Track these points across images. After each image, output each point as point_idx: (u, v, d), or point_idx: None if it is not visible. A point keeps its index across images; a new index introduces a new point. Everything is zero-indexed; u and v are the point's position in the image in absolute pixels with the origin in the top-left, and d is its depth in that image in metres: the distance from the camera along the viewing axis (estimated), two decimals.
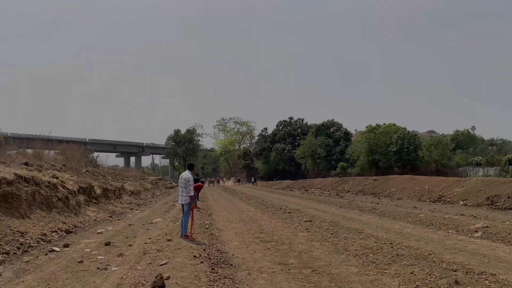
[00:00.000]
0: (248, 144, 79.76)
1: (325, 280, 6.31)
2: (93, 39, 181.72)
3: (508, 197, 15.57)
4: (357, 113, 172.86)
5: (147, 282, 6.11)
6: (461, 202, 17.44)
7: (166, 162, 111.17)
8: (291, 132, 66.24)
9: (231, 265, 7.38)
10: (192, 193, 10.21)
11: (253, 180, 62.02)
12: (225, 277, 6.52)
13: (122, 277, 6.55)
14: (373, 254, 7.82)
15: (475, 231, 10.19)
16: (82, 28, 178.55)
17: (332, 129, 61.20)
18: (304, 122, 67.85)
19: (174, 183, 66.98)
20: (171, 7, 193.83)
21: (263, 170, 66.50)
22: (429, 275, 6.26)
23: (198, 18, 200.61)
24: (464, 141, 70.88)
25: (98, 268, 7.26)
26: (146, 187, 35.80)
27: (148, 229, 12.56)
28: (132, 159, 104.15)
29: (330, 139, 58.97)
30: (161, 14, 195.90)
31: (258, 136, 73.20)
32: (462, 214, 13.58)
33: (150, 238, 10.47)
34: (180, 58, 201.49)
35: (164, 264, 7.17)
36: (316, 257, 7.83)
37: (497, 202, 15.73)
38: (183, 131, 74.74)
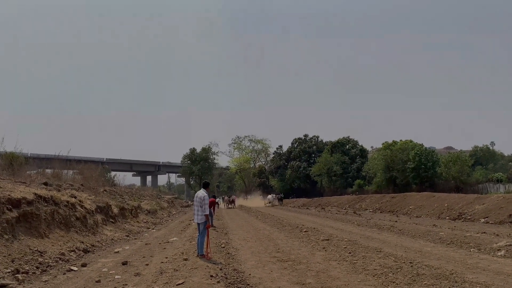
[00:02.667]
0: (263, 162, 79.72)
1: None
2: (107, 58, 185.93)
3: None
4: (373, 129, 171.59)
5: None
6: (482, 220, 17.03)
7: (182, 180, 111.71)
8: (306, 149, 66.00)
9: (248, 285, 7.32)
10: (207, 212, 10.20)
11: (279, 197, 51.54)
12: None
13: None
14: (393, 274, 7.66)
15: (498, 250, 9.92)
16: (98, 49, 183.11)
17: (348, 146, 60.78)
18: (319, 140, 67.65)
19: (190, 202, 67.15)
20: (182, 31, 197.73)
21: (278, 188, 66.15)
22: None
23: (215, 34, 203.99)
24: (484, 157, 69.71)
25: None
26: (162, 206, 35.93)
27: (165, 248, 12.55)
28: (149, 178, 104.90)
29: (346, 156, 58.52)
30: (177, 36, 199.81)
31: (273, 154, 73.21)
32: (484, 232, 13.25)
33: (166, 258, 10.45)
34: (194, 77, 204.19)
35: (181, 283, 7.14)
36: (334, 277, 7.71)
37: None
38: (198, 150, 75.23)
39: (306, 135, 69.07)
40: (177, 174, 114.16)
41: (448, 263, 8.59)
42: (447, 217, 19.56)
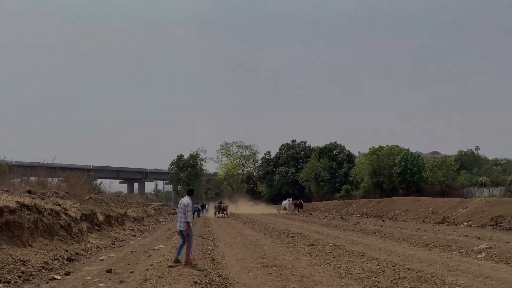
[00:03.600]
0: (252, 168, 79.72)
1: None
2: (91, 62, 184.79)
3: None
4: (360, 135, 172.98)
5: None
6: (465, 223, 17.31)
7: (169, 187, 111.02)
8: (294, 155, 66.27)
9: None
10: (189, 219, 10.14)
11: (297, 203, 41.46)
12: None
13: None
14: (375, 277, 7.77)
15: (479, 252, 10.11)
16: (84, 56, 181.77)
17: (335, 151, 61.19)
18: (307, 145, 68.01)
19: (177, 209, 66.62)
20: (171, 33, 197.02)
21: (266, 194, 66.23)
22: None
23: (202, 39, 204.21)
24: (468, 162, 70.74)
25: None
26: (149, 213, 35.64)
27: (150, 255, 12.49)
28: (135, 185, 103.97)
29: (334, 162, 58.90)
30: (165, 40, 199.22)
31: (261, 159, 73.31)
32: (466, 235, 13.48)
33: (151, 265, 10.41)
34: (182, 84, 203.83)
35: None
36: (317, 281, 7.79)
37: (501, 223, 15.62)
38: (186, 156, 74.95)
39: (293, 141, 69.41)
40: (164, 181, 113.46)
41: (429, 266, 8.73)
42: (432, 221, 19.82)
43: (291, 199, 43.25)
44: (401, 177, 46.19)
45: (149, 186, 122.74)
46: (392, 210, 26.00)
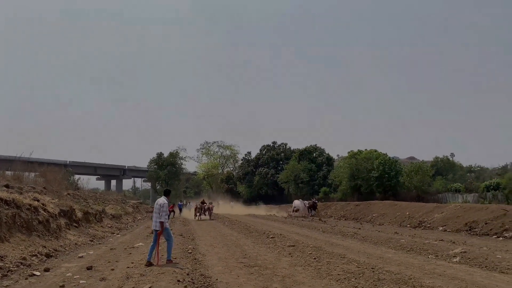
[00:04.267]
0: (232, 168, 79.68)
1: None
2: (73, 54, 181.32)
3: (486, 223, 15.97)
4: (339, 138, 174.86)
5: None
6: (441, 228, 17.78)
7: (147, 185, 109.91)
8: (274, 156, 66.59)
9: None
10: (163, 219, 10.16)
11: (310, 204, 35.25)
12: None
13: None
14: (355, 279, 7.95)
15: (454, 256, 10.43)
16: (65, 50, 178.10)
17: (315, 154, 61.73)
18: (288, 147, 68.41)
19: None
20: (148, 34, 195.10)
21: (246, 194, 66.28)
22: None
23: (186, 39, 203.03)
24: (444, 168, 72.25)
25: None
26: (127, 211, 35.26)
27: (130, 253, 12.44)
28: (113, 182, 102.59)
29: (313, 164, 59.41)
30: (146, 39, 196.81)
31: (242, 160, 73.34)
32: (442, 240, 13.86)
33: (132, 263, 10.39)
34: (163, 81, 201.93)
35: None
36: (299, 282, 7.92)
37: (475, 228, 16.11)
38: (166, 154, 74.38)
39: (274, 142, 69.75)
40: (143, 179, 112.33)
41: (407, 269, 8.97)
42: (408, 225, 20.27)
43: (301, 200, 37.82)
44: (379, 181, 46.95)
45: (127, 184, 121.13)
46: (369, 214, 26.45)
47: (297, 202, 37.07)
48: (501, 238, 14.10)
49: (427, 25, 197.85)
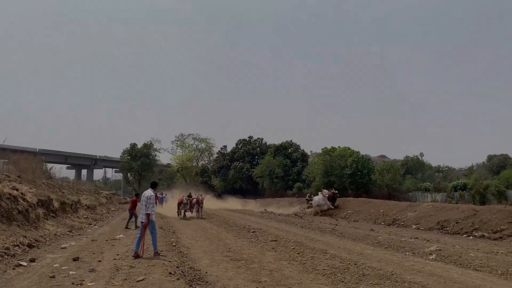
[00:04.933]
0: (207, 161, 79.42)
1: None
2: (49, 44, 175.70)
3: (457, 223, 16.71)
4: (313, 135, 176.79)
5: None
6: (414, 226, 18.46)
7: (119, 176, 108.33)
8: (250, 151, 66.83)
9: (207, 282, 7.60)
10: (149, 211, 10.26)
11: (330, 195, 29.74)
12: None
13: None
14: (341, 274, 8.28)
15: (430, 254, 10.94)
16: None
17: (290, 149, 62.34)
18: (263, 142, 68.80)
19: (128, 199, 65.29)
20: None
21: (220, 188, 66.30)
22: None
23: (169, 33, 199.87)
24: (413, 167, 74.38)
25: (73, 284, 7.22)
26: (101, 201, 34.80)
27: (113, 245, 12.43)
28: (84, 171, 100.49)
29: (288, 160, 60.03)
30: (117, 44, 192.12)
31: (217, 153, 73.21)
32: (417, 238, 14.44)
33: (118, 254, 10.42)
34: (139, 71, 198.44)
35: (142, 280, 7.27)
36: (287, 276, 8.18)
37: (446, 227, 16.83)
38: (139, 145, 73.52)
39: (250, 137, 69.96)
40: (114, 169, 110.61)
41: (388, 265, 9.37)
42: (382, 223, 20.92)
43: (325, 191, 30.64)
44: (352, 178, 47.98)
45: (98, 174, 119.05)
46: (344, 210, 27.10)
47: (317, 199, 30.20)
48: (471, 237, 14.81)
49: (409, 25, 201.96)
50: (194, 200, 25.98)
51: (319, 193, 31.00)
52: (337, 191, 32.22)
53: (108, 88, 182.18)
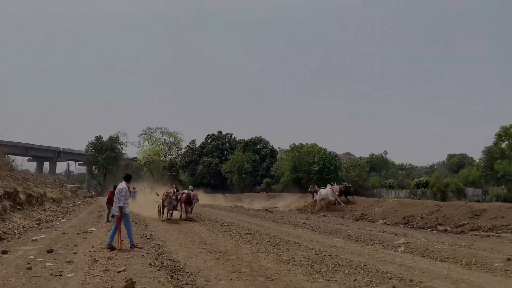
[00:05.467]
0: (175, 156, 78.55)
1: (281, 286, 6.90)
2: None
3: (421, 218, 17.46)
4: (281, 131, 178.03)
5: (112, 287, 6.24)
6: (381, 221, 19.13)
7: (83, 169, 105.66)
8: (219, 146, 66.65)
9: (188, 272, 7.69)
10: (121, 204, 10.27)
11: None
12: (187, 283, 6.83)
13: (82, 283, 6.59)
14: (317, 264, 8.57)
15: (399, 246, 11.43)
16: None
17: (259, 145, 62.68)
18: (233, 137, 68.73)
19: (93, 192, 63.83)
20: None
21: (188, 183, 65.83)
22: (370, 282, 7.12)
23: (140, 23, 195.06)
24: (378, 164, 76.51)
25: (51, 275, 7.14)
26: (67, 195, 33.94)
27: (86, 238, 12.29)
28: (46, 164, 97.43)
29: (257, 155, 60.36)
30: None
31: (186, 148, 72.55)
32: (385, 231, 15.00)
33: (93, 247, 10.33)
34: (106, 63, 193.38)
35: (123, 271, 7.29)
36: (265, 267, 8.39)
37: (412, 222, 17.55)
38: (105, 138, 71.92)
39: (220, 132, 69.76)
40: (78, 163, 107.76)
41: (360, 257, 9.75)
42: (351, 217, 21.54)
43: (334, 185, 27.48)
44: (319, 174, 48.96)
45: (61, 167, 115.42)
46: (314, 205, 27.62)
47: (324, 191, 26.61)
48: (435, 231, 15.53)
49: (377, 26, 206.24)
50: (184, 195, 19.59)
51: (328, 185, 27.39)
52: (350, 184, 28.70)
53: (74, 78, 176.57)
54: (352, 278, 7.36)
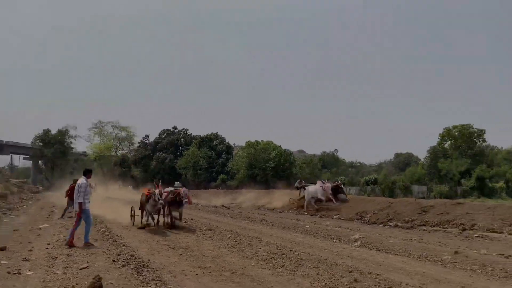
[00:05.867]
0: (127, 151, 76.56)
1: (247, 280, 7.04)
2: None
3: (374, 213, 18.24)
4: (237, 128, 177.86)
5: (77, 284, 6.12)
6: (335, 216, 19.74)
7: (28, 163, 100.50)
8: (174, 141, 65.80)
9: (153, 269, 7.64)
10: (81, 200, 10.05)
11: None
12: (153, 279, 6.80)
13: (44, 280, 6.41)
14: (280, 259, 8.78)
15: (355, 241, 11.90)
16: None
17: (215, 141, 62.57)
18: (188, 133, 68.07)
19: (40, 188, 60.93)
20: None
21: (141, 179, 64.56)
22: (332, 275, 7.41)
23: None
24: (329, 162, 78.73)
25: (9, 273, 6.89)
26: (13, 190, 32.33)
27: (39, 235, 11.85)
28: None
29: (213, 152, 60.24)
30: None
31: (139, 143, 70.99)
32: (340, 227, 15.53)
33: (49, 244, 10.00)
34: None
35: (86, 267, 7.15)
36: (230, 262, 8.50)
37: (364, 217, 18.28)
38: (53, 132, 68.84)
39: (175, 127, 68.85)
40: (23, 156, 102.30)
41: (320, 251, 10.07)
42: (306, 213, 22.01)
43: (324, 181, 24.15)
44: (274, 171, 49.76)
45: (4, 160, 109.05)
46: (271, 202, 28.00)
47: (312, 189, 23.08)
48: (387, 227, 16.26)
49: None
50: (169, 195, 14.38)
51: (318, 181, 24.00)
52: (341, 184, 25.24)
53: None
54: (315, 272, 7.63)
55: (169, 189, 15.12)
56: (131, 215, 15.60)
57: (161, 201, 13.33)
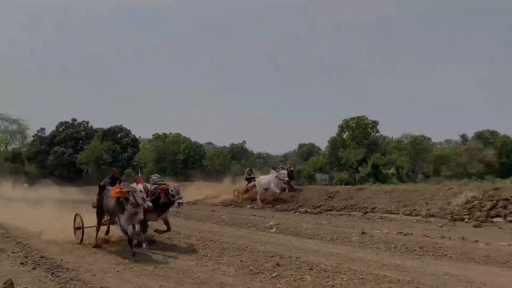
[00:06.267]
0: (19, 146, 69.68)
1: (172, 272, 6.96)
2: None
3: (285, 201, 19.02)
4: (142, 120, 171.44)
5: None
6: (249, 206, 20.17)
7: None
8: (73, 135, 61.32)
9: (68, 269, 7.20)
10: None
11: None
12: (71, 279, 6.43)
13: None
14: (202, 250, 8.82)
15: (270, 228, 12.35)
16: None
17: (120, 134, 59.69)
18: (89, 126, 63.89)
19: None
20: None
21: (37, 176, 59.36)
22: (255, 261, 7.64)
23: None
24: (238, 153, 79.98)
25: None
26: None
27: None
28: None
29: (118, 145, 57.47)
30: None
31: (33, 137, 65.00)
32: (254, 215, 15.95)
33: None
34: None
35: None
36: (151, 257, 8.31)
37: (276, 205, 18.96)
38: None
39: (74, 120, 64.06)
40: None
41: (239, 239, 10.29)
42: (220, 204, 22.15)
43: (279, 169, 20.95)
44: (184, 164, 49.26)
45: None
46: (188, 194, 27.69)
47: (265, 180, 20.86)
48: (297, 213, 17.03)
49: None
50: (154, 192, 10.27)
51: (272, 171, 20.98)
52: (291, 168, 22.81)
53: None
54: (239, 259, 7.80)
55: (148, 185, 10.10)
56: (76, 228, 10.64)
57: (148, 203, 8.61)
